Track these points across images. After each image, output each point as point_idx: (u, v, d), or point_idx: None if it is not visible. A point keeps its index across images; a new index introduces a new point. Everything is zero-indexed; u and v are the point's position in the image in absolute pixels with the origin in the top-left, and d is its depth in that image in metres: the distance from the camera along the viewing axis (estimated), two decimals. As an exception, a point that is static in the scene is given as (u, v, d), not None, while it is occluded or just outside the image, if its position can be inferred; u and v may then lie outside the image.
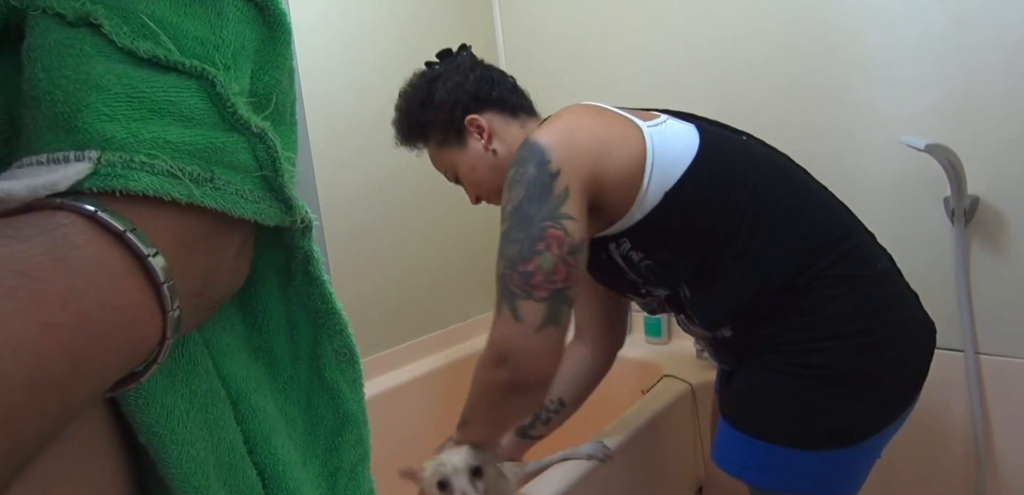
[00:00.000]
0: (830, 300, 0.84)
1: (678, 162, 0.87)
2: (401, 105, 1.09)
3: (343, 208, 1.56)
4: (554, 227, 0.80)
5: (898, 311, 0.88)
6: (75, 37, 0.23)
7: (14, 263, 0.18)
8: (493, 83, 1.04)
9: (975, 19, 1.11)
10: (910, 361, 0.87)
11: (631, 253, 0.92)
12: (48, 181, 0.21)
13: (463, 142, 1.03)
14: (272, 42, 0.28)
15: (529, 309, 0.81)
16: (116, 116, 0.22)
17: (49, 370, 0.18)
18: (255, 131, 0.26)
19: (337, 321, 0.33)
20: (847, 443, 0.85)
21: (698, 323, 0.96)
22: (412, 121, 1.07)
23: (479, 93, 1.02)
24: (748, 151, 0.94)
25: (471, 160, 1.03)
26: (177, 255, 0.23)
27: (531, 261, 0.80)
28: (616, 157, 0.86)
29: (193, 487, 0.25)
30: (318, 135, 1.49)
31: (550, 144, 0.84)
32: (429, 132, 1.06)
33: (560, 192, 0.82)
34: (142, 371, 0.23)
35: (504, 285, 0.83)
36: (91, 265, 0.20)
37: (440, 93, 1.03)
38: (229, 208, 0.25)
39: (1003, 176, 1.13)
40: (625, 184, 0.86)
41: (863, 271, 0.87)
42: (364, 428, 0.35)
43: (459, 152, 1.04)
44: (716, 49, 1.46)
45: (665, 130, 0.90)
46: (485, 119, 1.02)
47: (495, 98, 1.03)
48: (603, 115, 0.92)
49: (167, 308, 0.22)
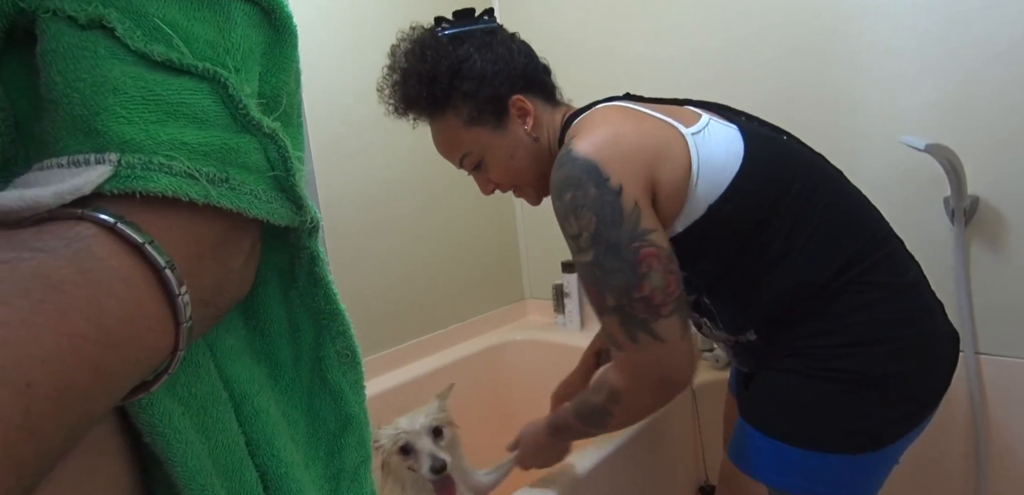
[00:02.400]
0: (863, 306, 0.83)
1: (723, 172, 0.83)
2: (411, 68, 0.94)
3: (343, 208, 1.56)
4: (644, 246, 0.78)
5: (929, 321, 0.87)
6: (89, 40, 0.23)
7: (42, 276, 0.19)
8: (537, 62, 0.97)
9: (975, 19, 1.11)
10: (937, 370, 0.87)
11: None
12: (73, 186, 0.21)
13: (503, 124, 0.93)
14: (278, 45, 0.29)
15: (667, 327, 0.80)
16: (134, 118, 0.23)
17: (74, 380, 0.18)
18: (267, 132, 0.27)
19: (340, 322, 0.33)
20: (870, 448, 0.84)
21: (722, 327, 0.94)
22: (435, 88, 0.92)
23: (528, 71, 0.94)
24: (792, 154, 0.91)
25: (511, 146, 0.94)
26: (189, 266, 0.23)
27: (643, 285, 0.78)
28: (666, 167, 0.82)
29: (198, 485, 0.26)
30: (318, 135, 1.49)
31: (602, 158, 0.79)
32: (455, 105, 0.93)
33: (631, 210, 0.78)
34: (152, 381, 0.23)
35: (628, 315, 0.80)
36: (112, 277, 0.20)
37: (480, 63, 0.91)
38: (244, 208, 0.25)
39: (1003, 176, 1.13)
40: (672, 195, 0.82)
41: (896, 279, 0.86)
42: (366, 430, 0.35)
43: (495, 134, 0.94)
44: (716, 48, 1.46)
45: (708, 135, 0.86)
46: (530, 103, 0.94)
47: (540, 80, 0.96)
48: (644, 120, 0.86)
49: (181, 319, 0.23)
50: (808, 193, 0.85)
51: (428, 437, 0.97)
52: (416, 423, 0.97)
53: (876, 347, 0.83)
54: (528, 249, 2.05)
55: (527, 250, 2.05)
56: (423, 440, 0.96)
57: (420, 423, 0.97)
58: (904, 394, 0.84)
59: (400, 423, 0.98)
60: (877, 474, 0.89)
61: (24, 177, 0.22)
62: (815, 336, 0.85)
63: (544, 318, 1.97)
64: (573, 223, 0.81)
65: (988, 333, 1.18)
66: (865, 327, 0.83)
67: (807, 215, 0.84)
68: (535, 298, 2.04)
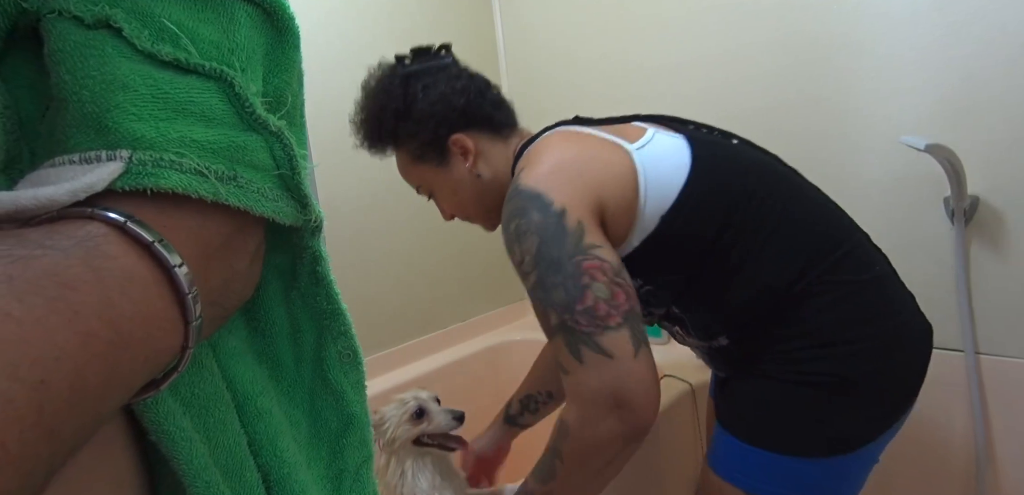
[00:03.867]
0: (828, 307, 0.83)
1: (672, 182, 0.83)
2: (368, 107, 0.99)
3: (343, 208, 1.56)
4: (587, 259, 0.76)
5: (896, 316, 0.87)
6: (95, 39, 0.23)
7: (55, 274, 0.19)
8: (481, 98, 0.97)
9: (975, 20, 1.11)
10: (909, 365, 0.87)
11: None
12: (86, 184, 0.21)
13: (445, 161, 0.97)
14: (281, 46, 0.29)
15: (614, 341, 0.74)
16: (144, 116, 0.23)
17: (87, 380, 0.19)
18: (273, 130, 0.27)
19: (342, 322, 0.33)
20: (846, 450, 0.84)
21: (694, 334, 0.94)
22: (383, 128, 0.98)
23: (467, 110, 0.95)
24: (742, 158, 0.90)
25: (453, 182, 0.98)
26: (197, 265, 0.24)
27: (585, 296, 0.74)
28: (611, 185, 0.82)
29: (204, 482, 0.26)
30: (318, 136, 1.49)
31: (545, 187, 0.80)
32: (404, 143, 0.98)
33: (574, 227, 0.77)
34: (161, 379, 0.23)
35: (570, 332, 0.75)
36: (123, 277, 0.21)
37: (421, 104, 0.94)
38: (252, 206, 0.25)
39: (1003, 176, 1.13)
40: (621, 212, 0.82)
41: (860, 276, 0.85)
42: (367, 430, 0.35)
43: (439, 171, 0.98)
44: (716, 50, 1.46)
45: (654, 148, 0.86)
46: (472, 139, 0.95)
47: (483, 116, 0.96)
48: (587, 141, 0.87)
49: (190, 318, 0.23)
50: (761, 197, 0.85)
51: (435, 403, 1.00)
52: (418, 393, 1.00)
53: (843, 347, 0.82)
54: (528, 249, 2.05)
55: (527, 250, 2.05)
56: (432, 403, 0.98)
57: (422, 393, 1.00)
58: (876, 393, 0.84)
59: (403, 396, 1.00)
60: (856, 475, 0.89)
61: (35, 174, 0.22)
62: (786, 340, 0.84)
63: (544, 318, 1.97)
64: (517, 251, 0.80)
65: (988, 333, 1.18)
66: (832, 327, 0.83)
67: (762, 219, 0.84)
68: (535, 298, 2.04)
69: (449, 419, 0.98)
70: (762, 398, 0.87)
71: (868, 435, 0.84)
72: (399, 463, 0.97)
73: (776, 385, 0.85)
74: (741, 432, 0.88)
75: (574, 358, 0.76)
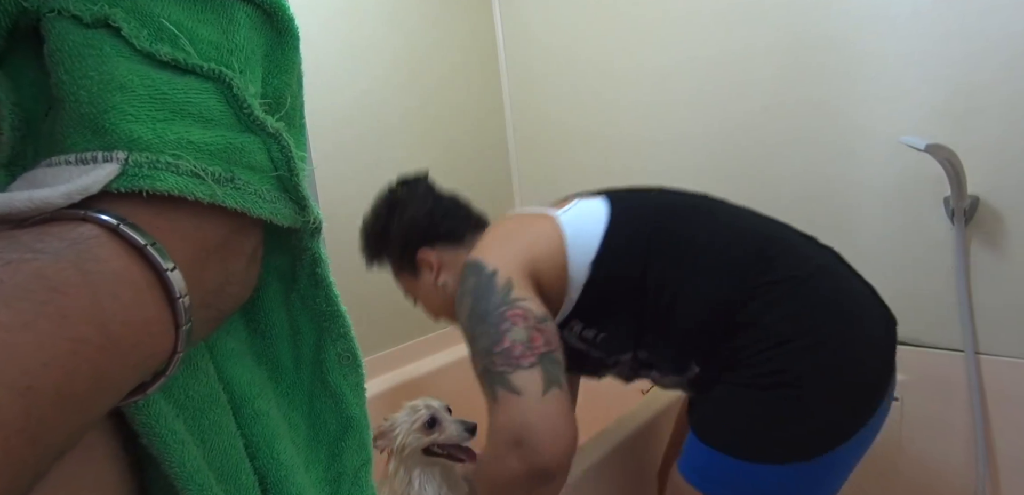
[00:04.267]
0: (767, 308, 0.86)
1: (594, 232, 0.92)
2: (363, 229, 1.16)
3: (343, 210, 1.56)
4: (511, 309, 0.83)
5: (836, 305, 0.88)
6: (94, 38, 0.23)
7: (44, 277, 0.18)
8: (444, 215, 1.09)
9: (975, 19, 1.11)
10: (862, 357, 0.86)
11: (585, 332, 0.96)
12: (82, 186, 0.21)
13: (416, 273, 1.10)
14: (280, 47, 0.29)
15: (525, 379, 0.78)
16: (141, 117, 0.23)
17: (75, 384, 0.18)
18: (271, 131, 0.27)
19: (341, 324, 0.33)
20: (805, 457, 0.83)
21: (668, 371, 0.97)
22: (371, 248, 1.15)
23: (429, 229, 1.08)
24: (656, 200, 1.00)
25: (423, 291, 1.11)
26: (191, 268, 0.23)
27: (504, 339, 0.80)
28: (541, 246, 0.91)
29: (197, 485, 0.26)
30: (318, 138, 1.49)
31: (482, 256, 0.90)
32: (386, 260, 1.14)
33: (503, 284, 0.85)
34: (150, 382, 0.23)
35: (488, 373, 0.82)
36: (114, 280, 0.20)
37: (395, 227, 1.10)
38: (249, 208, 0.25)
39: (1003, 176, 1.13)
40: (555, 267, 0.91)
41: (794, 273, 0.88)
42: (366, 433, 0.35)
43: (413, 281, 1.11)
44: (717, 50, 1.46)
45: (576, 210, 0.97)
46: (435, 254, 1.07)
47: (445, 232, 1.08)
48: (519, 218, 1.01)
49: (181, 322, 0.23)
50: (680, 228, 0.93)
51: (447, 413, 0.99)
52: (431, 402, 1.00)
53: (790, 345, 0.83)
54: (528, 249, 2.05)
55: (527, 250, 2.05)
56: (444, 413, 0.98)
57: (435, 402, 1.00)
58: (832, 391, 0.84)
59: (414, 404, 1.00)
60: (824, 484, 0.88)
61: (31, 174, 0.22)
62: (744, 347, 0.87)
63: (544, 318, 1.97)
64: (460, 315, 0.90)
65: (988, 333, 1.18)
66: (776, 328, 0.85)
67: (684, 247, 0.91)
68: (535, 298, 2.04)
69: (461, 431, 0.97)
70: (723, 403, 0.89)
71: (829, 442, 0.83)
72: (407, 471, 0.97)
73: (737, 390, 0.87)
74: (705, 436, 0.89)
75: (490, 398, 0.82)
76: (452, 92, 1.83)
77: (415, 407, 0.99)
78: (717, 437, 0.87)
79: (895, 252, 0.92)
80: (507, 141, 2.00)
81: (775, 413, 0.84)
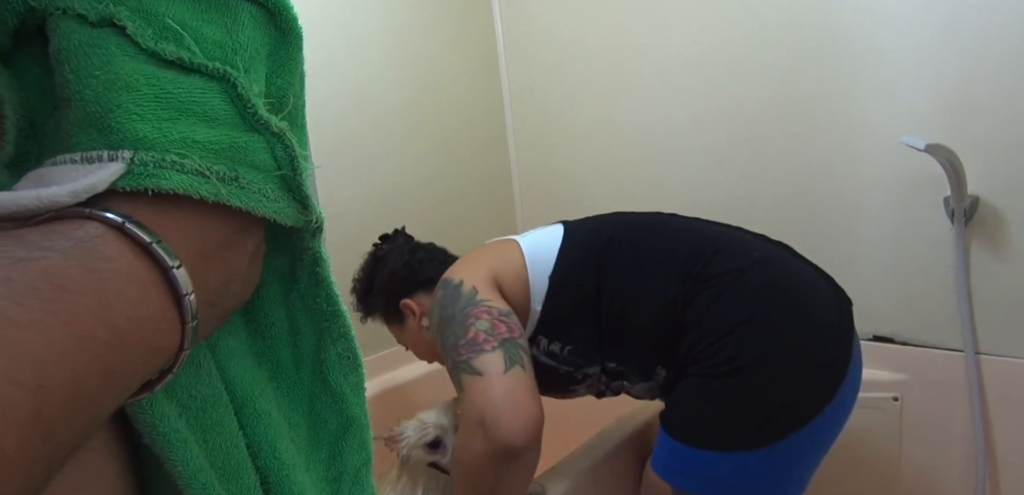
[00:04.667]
0: (711, 302, 0.89)
1: (550, 249, 1.00)
2: (353, 288, 1.23)
3: (343, 209, 1.56)
4: (475, 307, 0.88)
5: (778, 290, 0.90)
6: (99, 37, 0.23)
7: (53, 276, 0.19)
8: (421, 266, 1.15)
9: (975, 18, 1.11)
10: (811, 340, 0.88)
11: (551, 347, 1.00)
12: (89, 184, 0.21)
13: (402, 322, 1.16)
14: (284, 47, 0.29)
15: (486, 361, 0.82)
16: (146, 116, 0.23)
17: (85, 382, 0.18)
18: (274, 131, 0.27)
19: (342, 324, 0.33)
20: (759, 444, 0.85)
21: (637, 379, 1.01)
22: (362, 304, 1.21)
23: (408, 280, 1.14)
24: (606, 219, 1.08)
25: (409, 337, 1.18)
26: (196, 266, 0.24)
27: (468, 331, 0.85)
28: (504, 264, 0.98)
29: (200, 484, 0.26)
30: (317, 136, 1.49)
31: (450, 274, 0.97)
32: (376, 313, 1.21)
33: (469, 291, 0.92)
34: (156, 380, 0.23)
35: (455, 364, 0.86)
36: (121, 278, 0.21)
37: (378, 281, 1.17)
38: (253, 207, 0.25)
39: (1003, 176, 1.13)
40: (517, 282, 0.98)
41: (737, 264, 0.91)
42: (367, 432, 0.35)
43: (400, 329, 1.18)
44: (716, 49, 1.46)
45: (535, 233, 1.06)
46: (416, 302, 1.13)
47: (424, 280, 1.13)
48: (487, 245, 1.08)
49: (187, 320, 0.23)
50: (627, 237, 0.99)
51: (454, 435, 0.99)
52: (443, 419, 1.00)
53: (736, 334, 0.86)
54: (528, 249, 2.05)
55: (527, 250, 2.05)
56: (451, 436, 0.98)
57: (447, 421, 1.00)
58: (787, 372, 0.85)
59: (425, 418, 0.99)
60: (789, 470, 0.88)
61: (36, 173, 0.22)
62: (696, 342, 0.90)
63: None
64: (431, 328, 0.96)
65: (988, 333, 1.18)
66: (721, 319, 0.88)
67: (631, 256, 0.96)
68: (535, 298, 2.04)
69: None
70: (685, 396, 0.92)
71: (784, 427, 0.84)
72: (412, 480, 0.98)
73: (697, 381, 0.90)
74: (669, 429, 0.93)
75: (458, 388, 0.86)
76: (452, 89, 1.83)
77: (424, 423, 0.99)
78: (679, 429, 0.91)
79: (895, 252, 0.92)
80: (507, 138, 2.00)
81: (730, 401, 0.86)
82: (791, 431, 0.84)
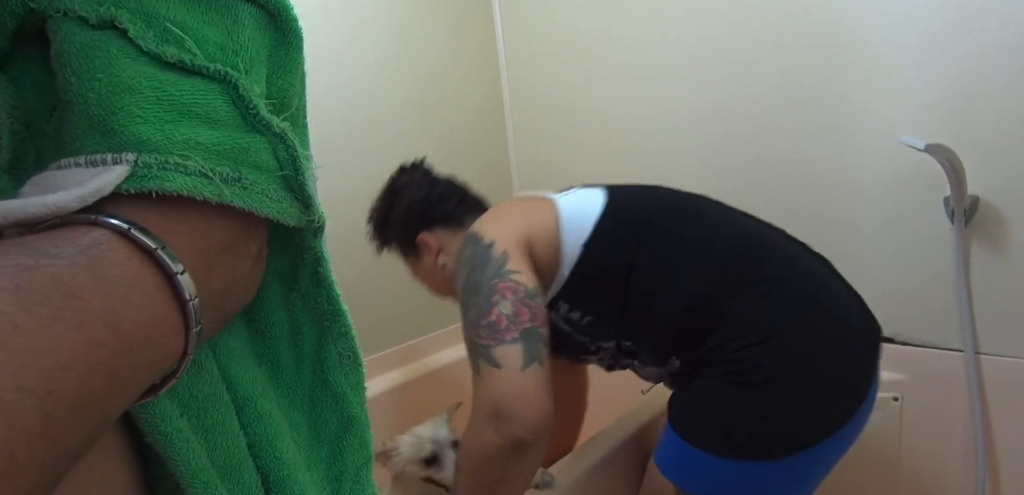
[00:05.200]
0: (749, 306, 0.87)
1: (588, 216, 0.96)
2: (370, 217, 1.21)
3: (342, 207, 1.55)
4: (503, 282, 0.85)
5: (818, 308, 0.88)
6: (101, 40, 0.23)
7: (60, 283, 0.19)
8: (440, 200, 1.12)
9: (975, 18, 1.11)
10: (847, 363, 0.87)
11: (571, 314, 0.98)
12: (94, 188, 0.21)
13: (418, 256, 1.14)
14: (284, 47, 0.29)
15: (506, 353, 0.81)
16: (149, 118, 0.23)
17: (91, 387, 0.19)
18: (276, 131, 0.27)
19: (342, 323, 0.33)
20: (777, 455, 0.84)
21: (649, 361, 0.99)
22: (378, 235, 1.20)
23: (427, 213, 1.11)
24: (652, 195, 1.02)
25: (425, 272, 1.15)
26: (199, 270, 0.24)
27: (491, 312, 0.83)
28: (537, 224, 0.95)
29: (202, 483, 0.26)
30: (319, 136, 1.49)
31: (481, 229, 0.93)
32: (390, 244, 1.19)
33: (499, 256, 0.88)
34: (160, 384, 0.23)
35: (474, 345, 0.84)
36: (127, 283, 0.21)
37: (395, 213, 1.14)
38: (256, 207, 0.25)
39: (1003, 176, 1.13)
40: (549, 245, 0.94)
41: (783, 271, 0.89)
42: (367, 432, 0.35)
43: (416, 263, 1.16)
44: (716, 47, 1.46)
45: (574, 195, 1.01)
46: (434, 237, 1.10)
47: (441, 214, 1.11)
48: (522, 199, 1.03)
49: (191, 324, 0.23)
50: (669, 221, 0.95)
51: (451, 449, 0.99)
52: (439, 434, 0.99)
53: (776, 341, 0.84)
54: (528, 249, 2.05)
55: (527, 250, 2.05)
56: (447, 451, 0.98)
57: (443, 435, 0.99)
58: (806, 392, 0.84)
59: (420, 433, 0.99)
60: (796, 484, 0.88)
61: (42, 177, 0.23)
62: (723, 343, 0.88)
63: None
64: (457, 285, 0.92)
65: (988, 333, 1.18)
66: (762, 322, 0.86)
67: (672, 239, 0.93)
68: (535, 298, 2.04)
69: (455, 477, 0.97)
70: (700, 397, 0.90)
71: (802, 441, 0.84)
72: (406, 491, 0.98)
73: (715, 385, 0.88)
74: (679, 428, 0.91)
75: (474, 372, 0.84)
76: (452, 86, 1.83)
77: (420, 439, 0.98)
78: (690, 431, 0.89)
79: (895, 252, 0.92)
80: (506, 132, 2.00)
81: (747, 410, 0.85)
82: (806, 447, 0.84)
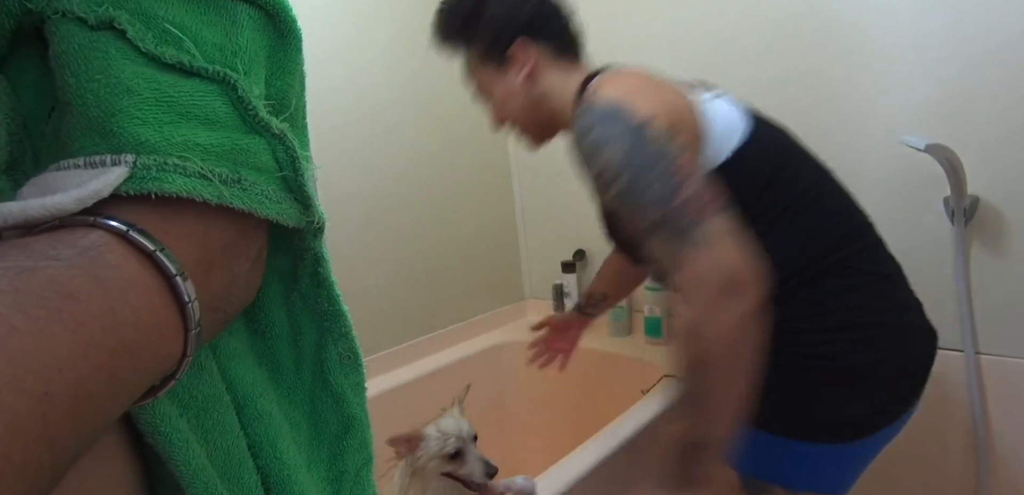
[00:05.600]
0: (843, 291, 0.84)
1: (728, 138, 0.84)
2: (446, 6, 1.00)
3: (342, 207, 1.56)
4: (679, 157, 0.74)
5: (903, 313, 0.88)
6: (99, 41, 0.23)
7: (58, 285, 0.19)
8: (554, 15, 0.97)
9: (975, 18, 1.11)
10: (910, 364, 0.87)
11: None
12: (93, 190, 0.21)
13: (504, 69, 0.97)
14: (283, 48, 0.29)
15: (715, 228, 0.71)
16: (148, 120, 0.23)
17: (90, 389, 0.19)
18: (276, 132, 0.27)
19: (343, 324, 0.33)
20: (840, 439, 0.84)
21: None
22: (453, 26, 1.00)
23: (535, 21, 0.95)
24: (789, 140, 0.93)
25: (505, 91, 0.98)
26: (198, 271, 0.24)
27: (686, 186, 0.72)
28: (687, 117, 0.82)
29: (202, 483, 0.26)
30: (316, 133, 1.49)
31: (625, 101, 0.78)
32: (472, 45, 1.00)
33: (663, 131, 0.75)
34: (160, 386, 0.23)
35: (675, 222, 0.72)
36: (125, 286, 0.21)
37: (493, 7, 0.95)
38: (256, 208, 0.25)
39: (1003, 176, 1.13)
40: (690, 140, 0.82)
41: (876, 269, 0.87)
42: (367, 432, 0.35)
43: (496, 77, 0.98)
44: (716, 46, 1.46)
45: (716, 104, 0.87)
46: (533, 52, 0.95)
47: (551, 31, 0.96)
48: (664, 82, 0.87)
49: (190, 326, 0.23)
50: (798, 176, 0.87)
51: (472, 443, 0.99)
52: (462, 429, 0.99)
53: (852, 333, 0.83)
54: (528, 249, 2.05)
55: (527, 250, 2.05)
56: (470, 446, 0.98)
57: (466, 430, 0.99)
58: (878, 385, 0.84)
59: (445, 428, 0.98)
60: (848, 468, 0.88)
61: (40, 179, 0.22)
62: (796, 320, 0.84)
63: (544, 318, 1.97)
64: (596, 162, 0.79)
65: (988, 333, 1.18)
66: (844, 312, 0.84)
67: (795, 195, 0.85)
68: (535, 298, 2.04)
69: (481, 471, 0.97)
70: (766, 379, 0.84)
71: (863, 429, 0.84)
72: (423, 483, 0.98)
73: (783, 367, 0.84)
74: None
75: (681, 249, 0.72)
76: (451, 85, 1.83)
77: (445, 434, 0.97)
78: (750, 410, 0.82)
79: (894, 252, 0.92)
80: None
81: (808, 395, 0.84)
82: (873, 430, 0.84)
